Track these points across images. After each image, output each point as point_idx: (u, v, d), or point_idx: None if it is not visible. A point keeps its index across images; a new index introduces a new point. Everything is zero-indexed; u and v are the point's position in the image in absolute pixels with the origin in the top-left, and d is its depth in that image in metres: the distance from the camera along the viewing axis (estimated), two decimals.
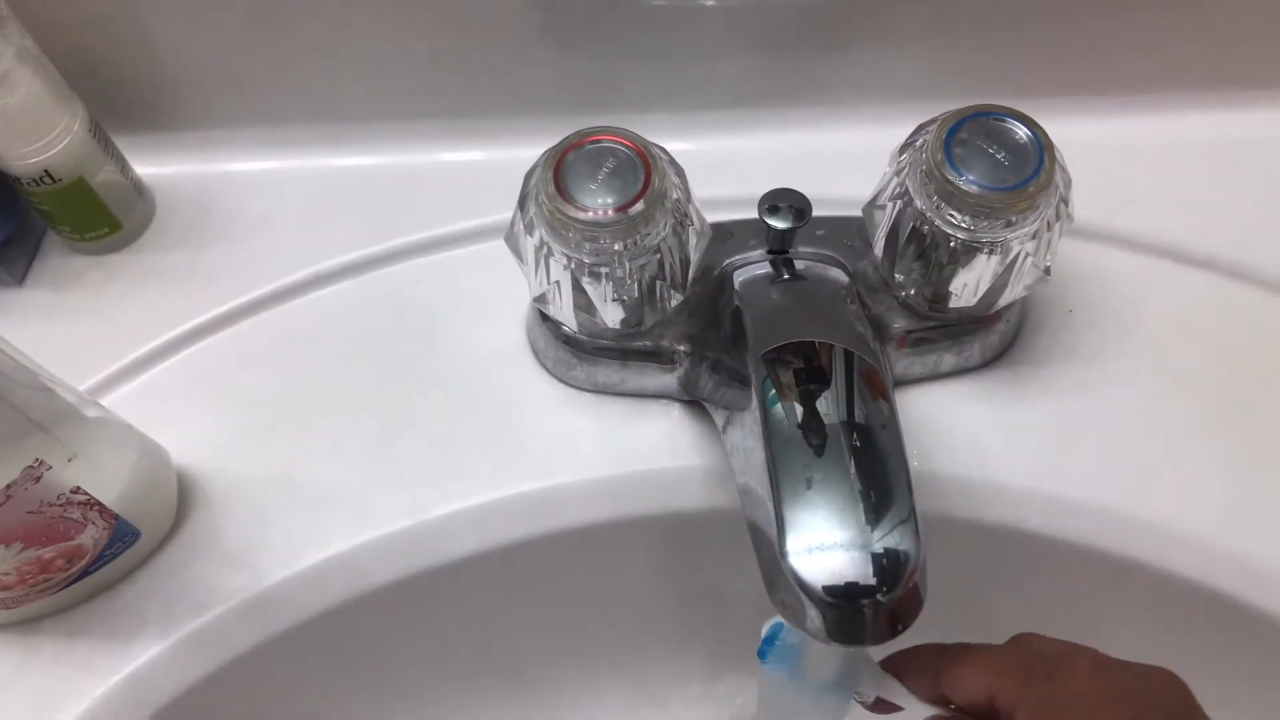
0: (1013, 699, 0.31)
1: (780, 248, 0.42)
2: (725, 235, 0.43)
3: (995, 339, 0.45)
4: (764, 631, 0.38)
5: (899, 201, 0.40)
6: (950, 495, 0.43)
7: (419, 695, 0.48)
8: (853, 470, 0.33)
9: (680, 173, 0.39)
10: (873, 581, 0.31)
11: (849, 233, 0.44)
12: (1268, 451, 0.44)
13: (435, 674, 0.48)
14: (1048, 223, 0.39)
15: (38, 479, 0.35)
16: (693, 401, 0.45)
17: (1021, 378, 0.45)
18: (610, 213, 0.37)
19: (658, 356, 0.43)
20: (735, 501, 0.44)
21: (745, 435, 0.37)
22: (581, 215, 0.37)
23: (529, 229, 0.38)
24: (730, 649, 0.53)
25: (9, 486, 0.34)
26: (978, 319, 0.43)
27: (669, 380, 0.44)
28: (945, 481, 0.43)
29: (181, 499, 0.43)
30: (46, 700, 0.40)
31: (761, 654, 0.37)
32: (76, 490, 0.36)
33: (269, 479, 0.43)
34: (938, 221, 0.39)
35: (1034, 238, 0.39)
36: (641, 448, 0.44)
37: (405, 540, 0.43)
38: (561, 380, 0.45)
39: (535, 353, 0.46)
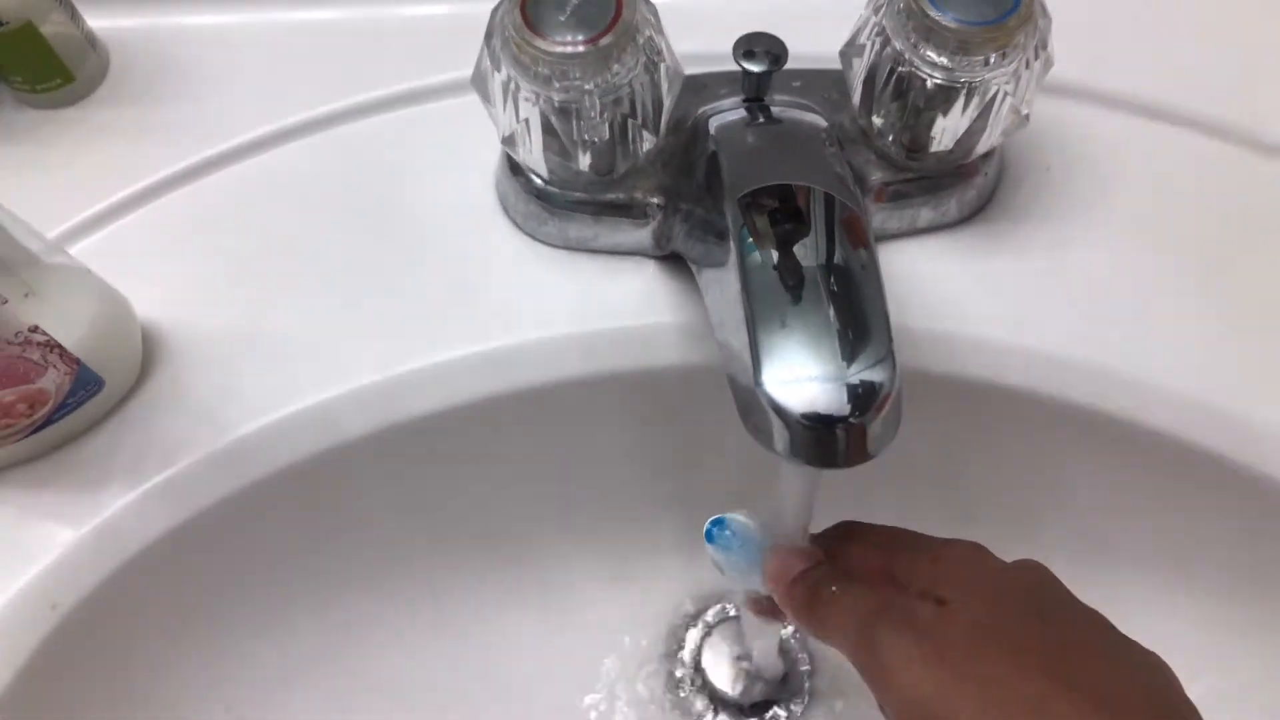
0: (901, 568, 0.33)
1: (756, 95, 0.41)
2: (699, 86, 0.42)
3: (972, 194, 0.44)
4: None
5: (876, 41, 0.39)
6: (926, 350, 0.43)
7: (392, 554, 0.48)
8: (831, 312, 0.33)
9: (653, 10, 0.38)
10: (846, 408, 0.31)
11: (826, 85, 0.43)
12: (1245, 307, 0.44)
13: (409, 534, 0.48)
14: (1026, 61, 0.38)
15: None
16: (667, 258, 0.44)
17: (999, 234, 0.45)
18: (579, 46, 0.35)
19: (630, 210, 0.42)
20: (710, 359, 0.44)
21: (722, 282, 0.37)
22: (549, 48, 0.35)
23: (495, 65, 0.37)
24: (701, 519, 0.53)
25: None
26: (955, 171, 0.43)
27: (642, 235, 0.43)
28: (921, 336, 0.43)
29: (146, 353, 0.42)
30: (15, 550, 0.39)
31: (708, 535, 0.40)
32: (35, 329, 0.35)
33: (235, 334, 0.43)
34: (916, 61, 0.38)
35: (1013, 77, 0.38)
36: (614, 304, 0.44)
37: (374, 394, 0.42)
38: (532, 236, 0.45)
39: (505, 208, 0.45)
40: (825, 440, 0.31)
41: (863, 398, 0.31)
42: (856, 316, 0.33)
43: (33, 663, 0.39)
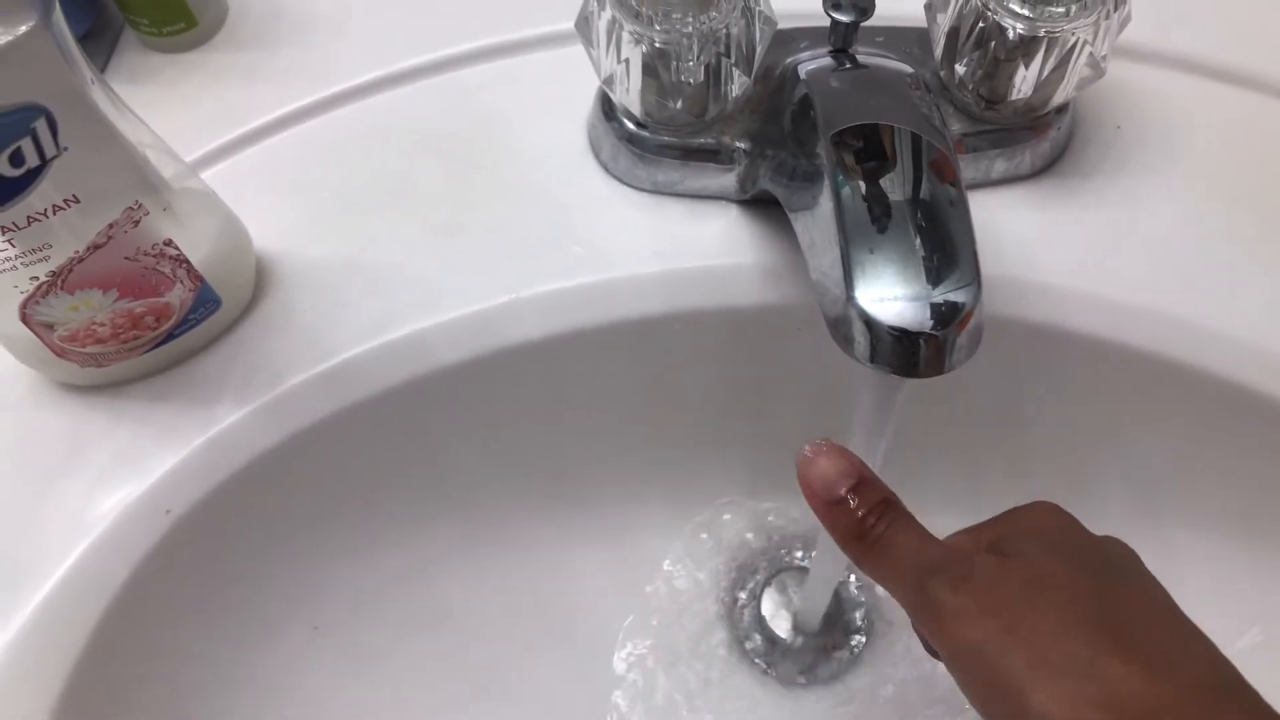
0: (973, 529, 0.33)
1: (842, 46, 0.43)
2: (785, 39, 0.44)
3: (1046, 147, 0.46)
4: None
5: None
6: (996, 294, 0.45)
7: (471, 484, 0.50)
8: (917, 242, 0.35)
9: None
10: (929, 323, 0.33)
11: (908, 41, 0.45)
12: None
13: (489, 465, 0.50)
14: (1106, 13, 0.40)
15: (136, 223, 0.36)
16: (748, 202, 0.46)
17: (1069, 187, 0.47)
18: None
19: (718, 155, 0.45)
20: (787, 299, 0.46)
21: (814, 216, 0.38)
22: None
23: (600, 6, 0.39)
24: (768, 467, 0.54)
25: (111, 226, 0.36)
26: (1030, 123, 0.45)
27: (727, 180, 0.45)
28: (991, 280, 0.43)
29: (258, 278, 0.45)
30: (133, 458, 0.42)
31: None
32: (169, 243, 0.38)
33: (340, 264, 0.45)
34: (1000, 12, 0.40)
35: (1093, 28, 0.40)
36: (698, 244, 0.46)
37: (468, 325, 0.44)
38: (620, 180, 0.47)
39: (596, 153, 0.47)
40: (908, 349, 0.33)
41: (945, 314, 0.33)
42: (943, 245, 0.35)
43: (147, 562, 0.41)
